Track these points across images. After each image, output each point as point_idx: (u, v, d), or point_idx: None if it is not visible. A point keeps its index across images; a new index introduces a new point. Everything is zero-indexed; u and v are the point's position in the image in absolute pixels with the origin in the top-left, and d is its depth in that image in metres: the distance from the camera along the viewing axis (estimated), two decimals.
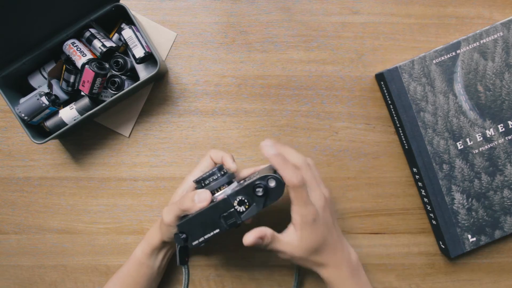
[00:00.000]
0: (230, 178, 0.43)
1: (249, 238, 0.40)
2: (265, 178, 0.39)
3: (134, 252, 0.49)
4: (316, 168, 0.45)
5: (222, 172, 0.43)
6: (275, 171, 0.41)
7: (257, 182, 0.39)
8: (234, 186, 0.42)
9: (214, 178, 0.42)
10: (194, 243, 0.40)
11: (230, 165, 0.45)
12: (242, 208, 0.39)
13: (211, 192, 0.42)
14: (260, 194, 0.39)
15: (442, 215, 0.51)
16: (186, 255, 0.46)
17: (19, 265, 0.55)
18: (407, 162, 0.55)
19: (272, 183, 0.39)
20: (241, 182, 0.43)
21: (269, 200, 0.40)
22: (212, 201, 0.41)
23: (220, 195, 0.42)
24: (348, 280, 0.42)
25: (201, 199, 0.41)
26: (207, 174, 0.43)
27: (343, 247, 0.43)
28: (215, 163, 0.47)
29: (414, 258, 0.54)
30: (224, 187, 0.42)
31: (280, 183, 0.39)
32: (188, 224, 0.40)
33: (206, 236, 0.40)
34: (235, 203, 0.39)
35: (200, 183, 0.43)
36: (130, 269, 0.49)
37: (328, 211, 0.42)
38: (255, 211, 0.40)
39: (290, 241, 0.41)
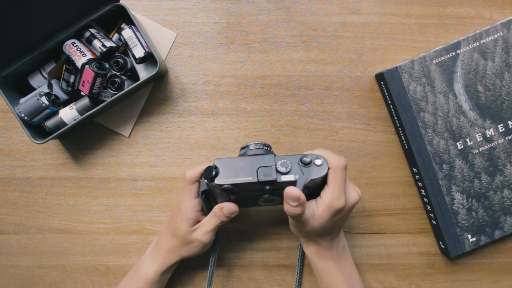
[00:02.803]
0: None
1: (294, 190, 0.39)
2: (313, 155, 0.40)
3: (144, 272, 0.48)
4: None
5: (266, 148, 0.43)
6: None
7: (305, 154, 0.40)
8: None
9: (258, 147, 0.43)
10: (222, 181, 0.38)
11: None
12: (283, 169, 0.39)
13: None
14: (306, 161, 0.39)
15: (442, 215, 0.51)
16: (209, 202, 0.45)
17: (19, 265, 0.55)
18: (407, 162, 0.54)
19: (318, 162, 0.40)
20: None
21: (309, 174, 0.40)
22: (256, 157, 0.40)
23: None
24: (330, 262, 0.45)
25: (230, 211, 0.43)
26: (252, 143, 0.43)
27: (339, 234, 0.46)
28: None
29: (414, 258, 0.54)
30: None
31: (325, 163, 0.40)
32: (226, 163, 0.39)
33: (236, 179, 0.38)
34: (278, 163, 0.39)
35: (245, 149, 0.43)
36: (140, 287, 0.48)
37: (352, 209, 0.44)
38: (293, 177, 0.39)
39: (310, 213, 0.42)
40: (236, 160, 0.40)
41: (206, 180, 0.40)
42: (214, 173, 0.39)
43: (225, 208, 0.43)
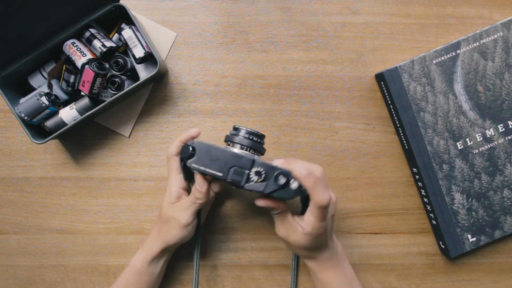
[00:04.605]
0: (261, 149, 0.43)
1: (260, 202, 0.41)
2: (292, 176, 0.39)
3: (133, 262, 0.48)
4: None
5: (257, 140, 0.42)
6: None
7: (284, 172, 0.39)
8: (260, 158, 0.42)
9: (247, 136, 0.42)
10: (193, 165, 0.40)
11: (193, 133, 0.46)
12: (254, 178, 0.39)
13: (241, 146, 0.41)
14: (280, 182, 0.39)
15: (442, 215, 0.51)
16: (189, 173, 0.45)
17: (19, 265, 0.55)
18: (407, 162, 0.54)
19: (294, 185, 0.39)
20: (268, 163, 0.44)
21: (278, 193, 0.39)
22: (235, 154, 0.40)
23: (247, 152, 0.41)
24: (330, 270, 0.45)
25: (201, 183, 0.43)
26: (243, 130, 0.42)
27: (332, 242, 0.46)
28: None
29: (414, 258, 0.54)
30: (251, 151, 0.42)
31: (299, 190, 0.39)
32: (204, 149, 0.39)
33: (207, 169, 0.39)
34: (253, 170, 0.39)
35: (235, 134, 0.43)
36: (130, 279, 0.48)
37: (334, 217, 0.44)
38: (260, 189, 0.39)
39: (296, 231, 0.43)
40: (215, 149, 0.40)
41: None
42: (189, 154, 0.40)
43: (197, 182, 0.43)
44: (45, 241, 0.55)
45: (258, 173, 0.39)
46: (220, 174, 0.39)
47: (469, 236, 0.52)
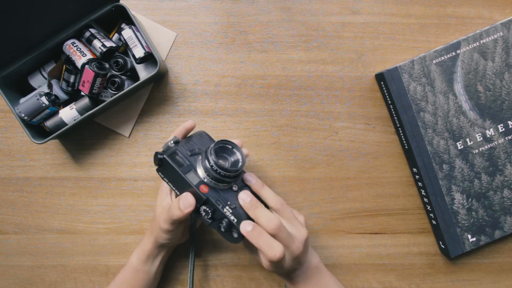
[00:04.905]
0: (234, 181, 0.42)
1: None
2: (238, 223, 0.39)
3: (130, 260, 0.49)
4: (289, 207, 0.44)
5: (225, 174, 0.41)
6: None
7: (228, 222, 0.39)
8: (225, 187, 0.41)
9: (215, 169, 0.40)
10: (160, 173, 0.42)
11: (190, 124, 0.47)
12: (202, 213, 0.40)
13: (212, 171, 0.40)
14: (222, 229, 0.40)
15: (442, 215, 0.51)
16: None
17: (19, 265, 0.55)
18: (407, 162, 0.54)
19: (235, 234, 0.40)
20: (236, 190, 0.42)
21: (221, 234, 0.41)
22: (202, 181, 0.40)
23: (209, 184, 0.41)
24: (301, 284, 0.43)
25: (186, 205, 0.40)
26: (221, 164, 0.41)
27: (302, 264, 0.43)
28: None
29: (414, 258, 0.54)
30: (214, 180, 0.41)
31: (240, 240, 0.40)
32: (169, 166, 0.40)
33: (169, 183, 0.42)
34: (204, 208, 0.40)
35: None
36: (127, 276, 0.48)
37: (303, 251, 0.41)
38: (206, 222, 0.41)
39: (259, 254, 0.41)
40: (176, 174, 0.40)
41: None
42: (157, 163, 0.41)
43: (182, 201, 0.40)
44: (45, 241, 0.55)
45: (206, 211, 0.40)
46: (178, 193, 0.41)
47: (469, 236, 0.52)
